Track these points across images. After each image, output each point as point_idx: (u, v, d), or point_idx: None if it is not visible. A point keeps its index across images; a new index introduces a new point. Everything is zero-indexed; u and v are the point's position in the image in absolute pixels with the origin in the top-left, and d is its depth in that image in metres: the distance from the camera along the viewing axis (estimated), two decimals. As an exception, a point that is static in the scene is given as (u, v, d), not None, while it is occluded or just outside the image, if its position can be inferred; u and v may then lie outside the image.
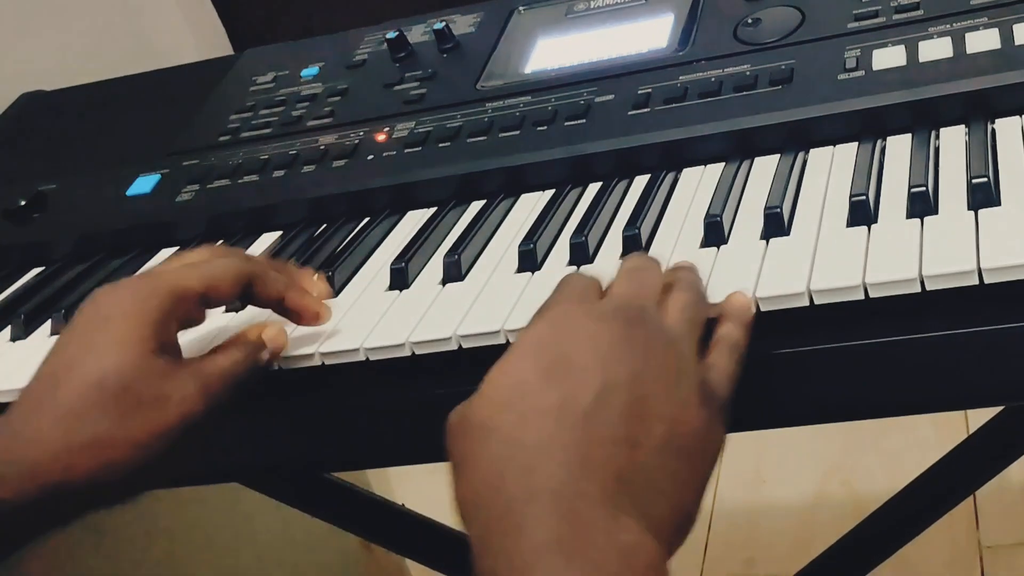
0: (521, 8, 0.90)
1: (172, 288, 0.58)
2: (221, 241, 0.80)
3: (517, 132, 0.76)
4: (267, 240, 0.79)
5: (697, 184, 0.68)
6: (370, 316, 0.64)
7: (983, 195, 0.56)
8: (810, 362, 0.55)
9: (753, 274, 0.56)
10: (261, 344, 0.60)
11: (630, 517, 0.43)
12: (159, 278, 0.59)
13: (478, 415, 0.46)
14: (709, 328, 0.53)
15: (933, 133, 0.65)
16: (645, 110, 0.73)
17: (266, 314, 0.64)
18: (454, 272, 0.66)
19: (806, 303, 0.54)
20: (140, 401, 0.55)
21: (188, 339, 0.62)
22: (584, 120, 0.75)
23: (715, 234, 0.61)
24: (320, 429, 0.66)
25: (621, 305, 0.50)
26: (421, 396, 0.61)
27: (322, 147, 0.82)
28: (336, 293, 0.68)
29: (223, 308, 0.67)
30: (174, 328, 0.58)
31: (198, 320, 0.61)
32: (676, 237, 0.63)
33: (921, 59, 0.68)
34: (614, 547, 0.42)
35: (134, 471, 0.55)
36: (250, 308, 0.65)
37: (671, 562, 0.44)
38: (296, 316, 0.63)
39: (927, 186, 0.58)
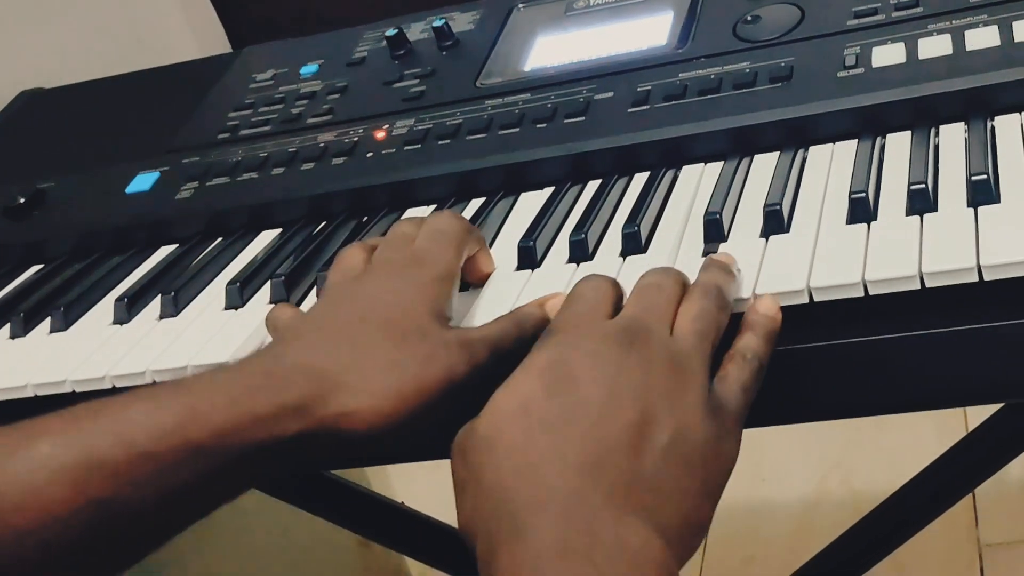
0: (520, 5, 0.90)
1: (445, 276, 0.59)
2: (220, 239, 0.80)
3: (516, 130, 0.76)
4: (266, 237, 0.79)
5: (697, 181, 0.68)
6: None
7: (983, 192, 0.56)
8: (809, 360, 0.55)
9: (753, 271, 0.56)
10: (539, 317, 0.58)
11: (637, 520, 0.44)
12: (439, 266, 0.59)
13: (483, 431, 0.47)
14: (731, 336, 0.53)
15: (933, 130, 0.65)
16: (644, 107, 0.73)
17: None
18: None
19: (806, 300, 0.54)
20: (411, 353, 0.53)
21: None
22: (583, 117, 0.75)
23: (715, 232, 0.61)
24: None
25: (626, 326, 0.50)
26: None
27: (321, 145, 0.82)
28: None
29: None
30: (448, 308, 0.58)
31: None
32: (676, 235, 0.63)
33: (921, 56, 0.68)
34: (620, 548, 0.42)
35: (382, 420, 0.53)
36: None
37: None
38: (480, 268, 0.64)
39: (927, 183, 0.58)
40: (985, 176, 0.56)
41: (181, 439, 0.50)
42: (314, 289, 0.70)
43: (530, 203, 0.73)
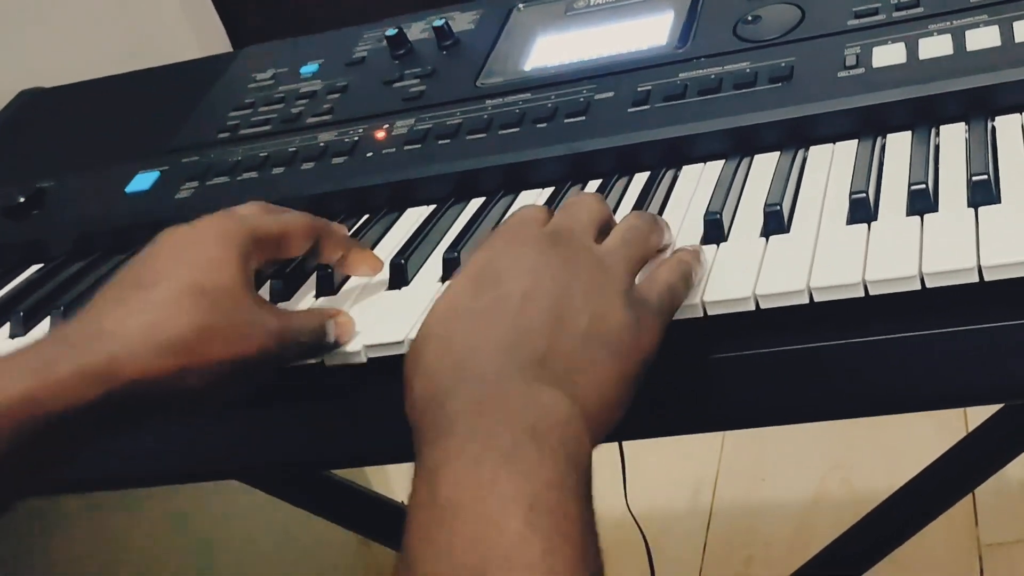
0: (521, 5, 0.90)
1: (255, 228, 0.60)
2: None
3: (517, 129, 0.76)
4: (266, 237, 0.79)
5: (697, 181, 0.68)
6: (370, 314, 0.64)
7: (983, 193, 0.56)
8: (810, 360, 0.55)
9: (753, 272, 0.56)
10: (329, 327, 0.61)
11: (548, 386, 0.47)
12: (242, 218, 0.60)
13: (420, 332, 0.51)
14: None
15: (933, 130, 0.65)
16: (645, 107, 0.73)
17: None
18: (453, 270, 0.66)
19: (806, 301, 0.54)
20: (229, 321, 0.55)
21: None
22: (584, 117, 0.75)
23: (715, 231, 0.61)
24: (319, 427, 0.66)
25: (551, 230, 0.54)
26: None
27: (321, 144, 0.82)
28: (336, 290, 0.68)
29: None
30: (254, 267, 0.60)
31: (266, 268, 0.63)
32: (676, 234, 0.63)
33: (921, 56, 0.68)
34: (528, 405, 0.45)
35: (198, 391, 0.55)
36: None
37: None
38: (355, 268, 0.66)
39: (927, 183, 0.58)
40: (985, 176, 0.56)
41: None
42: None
43: (530, 203, 0.72)
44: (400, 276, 0.67)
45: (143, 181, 0.86)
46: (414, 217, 0.75)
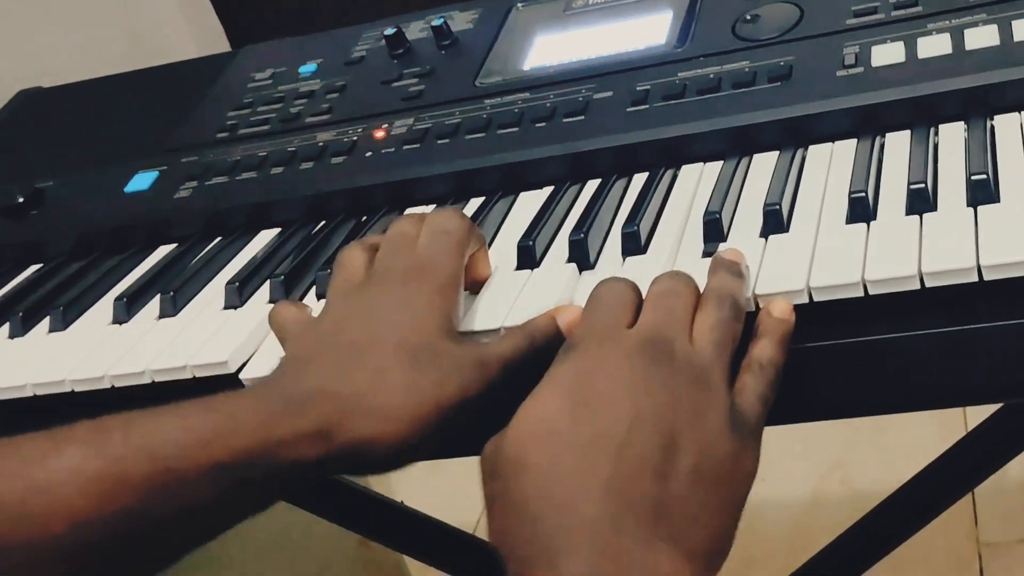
0: (519, 5, 0.90)
1: (456, 281, 0.59)
2: (219, 239, 0.80)
3: (516, 129, 0.76)
4: (265, 237, 0.79)
5: (696, 181, 0.68)
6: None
7: (982, 192, 0.56)
8: (809, 359, 0.55)
9: (752, 271, 0.56)
10: (551, 330, 0.57)
11: (666, 546, 0.45)
12: (443, 274, 0.59)
13: (510, 451, 0.47)
14: (745, 343, 0.53)
15: (932, 130, 0.64)
16: (644, 107, 0.73)
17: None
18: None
19: (805, 300, 0.54)
20: (426, 374, 0.54)
21: None
22: (583, 117, 0.75)
23: (714, 231, 0.61)
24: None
25: (648, 338, 0.50)
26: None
27: (320, 144, 0.82)
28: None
29: None
30: (456, 316, 0.58)
31: None
32: (675, 235, 0.63)
33: (920, 55, 0.68)
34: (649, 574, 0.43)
35: (400, 443, 0.53)
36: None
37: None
38: (477, 271, 0.64)
39: (926, 183, 0.58)
40: (985, 175, 0.56)
41: (206, 457, 0.50)
42: (313, 289, 0.70)
43: (529, 203, 0.73)
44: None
45: (142, 181, 0.86)
46: (413, 217, 0.75)
